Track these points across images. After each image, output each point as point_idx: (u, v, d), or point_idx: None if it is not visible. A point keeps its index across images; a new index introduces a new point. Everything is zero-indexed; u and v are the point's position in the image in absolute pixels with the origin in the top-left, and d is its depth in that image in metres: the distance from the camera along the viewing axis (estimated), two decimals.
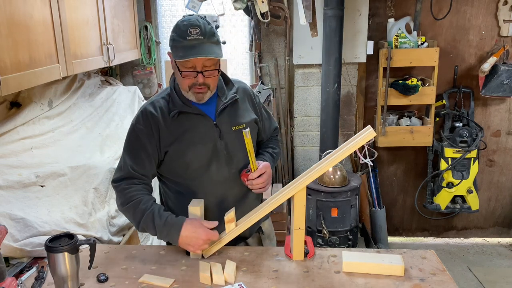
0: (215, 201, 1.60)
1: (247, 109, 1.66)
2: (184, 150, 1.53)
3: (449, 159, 3.32)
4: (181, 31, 1.42)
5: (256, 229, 1.80)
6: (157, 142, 1.53)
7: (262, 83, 3.42)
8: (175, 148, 1.53)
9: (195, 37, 1.40)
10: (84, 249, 1.48)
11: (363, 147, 3.08)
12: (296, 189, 1.44)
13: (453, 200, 3.44)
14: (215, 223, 1.49)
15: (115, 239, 2.13)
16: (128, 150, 1.56)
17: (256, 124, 1.68)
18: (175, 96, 1.55)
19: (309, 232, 2.98)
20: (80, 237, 1.71)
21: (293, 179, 2.17)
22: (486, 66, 3.17)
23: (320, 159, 2.73)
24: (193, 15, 1.51)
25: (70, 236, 1.32)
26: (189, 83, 1.47)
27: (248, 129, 1.49)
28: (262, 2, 2.80)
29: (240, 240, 1.69)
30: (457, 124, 3.38)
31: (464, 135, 3.27)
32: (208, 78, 1.46)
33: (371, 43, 3.19)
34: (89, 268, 1.38)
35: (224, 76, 1.65)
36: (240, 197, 1.65)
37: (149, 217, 1.48)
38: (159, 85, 3.62)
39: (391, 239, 3.73)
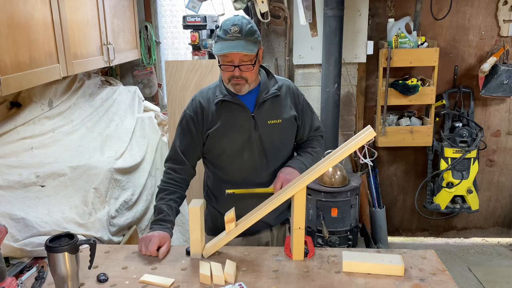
0: (243, 187, 1.70)
1: (288, 106, 1.75)
2: (221, 135, 1.69)
3: (449, 159, 3.32)
4: (223, 29, 1.58)
5: (282, 220, 1.90)
6: (202, 126, 1.71)
7: None
8: (215, 132, 1.69)
9: (233, 34, 1.55)
10: (84, 249, 1.48)
11: (363, 147, 3.08)
12: (296, 189, 1.44)
13: (453, 200, 3.44)
14: (166, 248, 1.56)
15: (115, 239, 2.13)
16: (178, 133, 1.76)
17: (296, 121, 1.77)
18: (222, 86, 1.71)
19: (309, 232, 2.98)
20: (80, 237, 1.71)
21: None
22: (486, 66, 3.16)
23: None
24: (238, 15, 1.66)
25: (70, 236, 1.32)
26: (228, 76, 1.62)
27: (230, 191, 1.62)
28: (262, 2, 2.80)
29: (264, 226, 1.82)
30: (457, 124, 3.38)
31: (464, 135, 3.27)
32: (244, 72, 1.60)
33: (371, 43, 3.19)
34: (89, 268, 1.38)
35: (268, 73, 1.77)
36: (267, 185, 1.70)
37: (155, 208, 1.69)
38: (159, 85, 3.62)
39: (391, 239, 3.73)
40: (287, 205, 1.83)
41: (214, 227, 1.83)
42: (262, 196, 1.61)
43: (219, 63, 1.62)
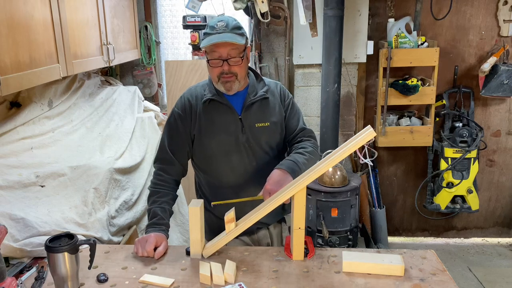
0: (236, 190, 1.70)
1: (276, 108, 1.74)
2: (208, 136, 1.69)
3: (449, 159, 3.32)
4: (210, 26, 1.60)
5: (278, 219, 1.90)
6: (190, 125, 1.71)
7: None
8: (201, 133, 1.69)
9: (220, 28, 1.58)
10: (84, 249, 1.48)
11: (363, 147, 3.08)
12: (296, 189, 1.44)
13: (453, 200, 3.44)
14: (163, 248, 1.56)
15: (115, 239, 2.13)
16: (167, 131, 1.75)
17: (284, 122, 1.77)
18: (211, 85, 1.70)
19: (309, 232, 2.98)
20: (80, 237, 1.71)
21: None
22: (486, 66, 3.16)
23: (320, 159, 2.72)
24: (223, 14, 1.62)
25: (70, 236, 1.32)
26: (217, 73, 1.61)
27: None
28: (262, 2, 2.80)
29: (262, 225, 1.82)
30: (457, 124, 3.38)
31: (464, 135, 3.27)
32: (234, 67, 1.60)
33: (371, 43, 3.19)
34: (89, 268, 1.38)
35: (257, 76, 1.77)
36: (259, 188, 1.65)
37: (149, 212, 1.67)
38: (159, 85, 3.62)
39: (391, 239, 3.73)
40: (282, 205, 1.81)
41: (210, 230, 1.79)
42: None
43: (207, 60, 1.62)
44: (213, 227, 1.80)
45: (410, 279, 1.38)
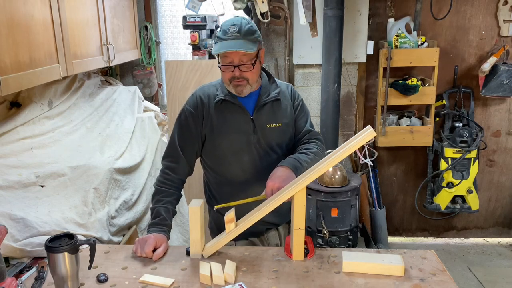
0: (245, 189, 1.70)
1: (287, 109, 1.76)
2: (220, 135, 1.69)
3: (449, 159, 3.32)
4: (223, 30, 1.59)
5: (288, 220, 1.87)
6: (201, 124, 1.70)
7: None
8: (213, 132, 1.69)
9: (232, 34, 1.56)
10: (84, 249, 1.48)
11: (363, 147, 3.08)
12: (296, 189, 1.44)
13: (453, 200, 3.44)
14: (162, 250, 1.55)
15: (115, 239, 2.13)
16: (177, 128, 1.74)
17: (294, 124, 1.79)
18: (224, 86, 1.70)
19: (309, 232, 2.97)
20: (80, 237, 1.71)
21: None
22: (486, 66, 3.17)
23: None
24: (238, 16, 1.65)
25: (70, 236, 1.32)
26: (229, 77, 1.61)
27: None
28: (262, 2, 2.80)
29: (271, 225, 1.83)
30: (457, 124, 3.38)
31: (464, 135, 3.27)
32: (245, 72, 1.60)
33: (371, 43, 3.19)
34: (89, 268, 1.38)
35: (270, 77, 1.78)
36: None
37: (152, 210, 1.67)
38: (159, 85, 3.62)
39: (391, 239, 3.73)
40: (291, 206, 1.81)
41: (218, 230, 1.80)
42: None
43: (219, 63, 1.62)
44: (221, 227, 1.79)
45: (410, 279, 1.38)
